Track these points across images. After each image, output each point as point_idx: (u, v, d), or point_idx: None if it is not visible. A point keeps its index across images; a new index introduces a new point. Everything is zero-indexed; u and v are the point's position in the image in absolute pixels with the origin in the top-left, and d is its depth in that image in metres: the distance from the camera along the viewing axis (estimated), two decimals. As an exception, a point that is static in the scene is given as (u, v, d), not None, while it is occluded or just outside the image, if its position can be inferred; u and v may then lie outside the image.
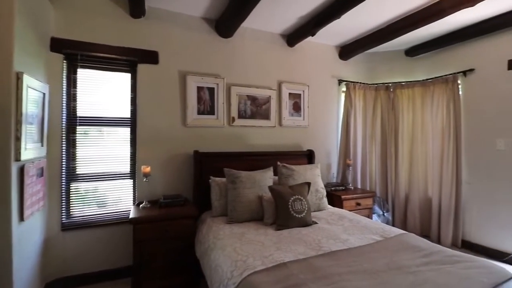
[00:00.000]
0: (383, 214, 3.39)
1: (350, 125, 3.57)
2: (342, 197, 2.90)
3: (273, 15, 2.81)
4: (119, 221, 2.51)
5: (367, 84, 3.77)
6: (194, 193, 2.65)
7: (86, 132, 2.49)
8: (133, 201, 2.61)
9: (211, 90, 2.87)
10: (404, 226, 3.61)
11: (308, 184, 2.45)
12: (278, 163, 2.78)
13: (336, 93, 3.70)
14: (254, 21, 2.93)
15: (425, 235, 3.47)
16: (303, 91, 3.40)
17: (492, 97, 2.97)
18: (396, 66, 3.85)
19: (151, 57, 2.64)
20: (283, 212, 2.14)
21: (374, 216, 3.30)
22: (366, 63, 3.90)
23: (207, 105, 2.86)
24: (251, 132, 3.09)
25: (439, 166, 3.35)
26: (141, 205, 2.37)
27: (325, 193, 2.73)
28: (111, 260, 2.48)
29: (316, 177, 2.76)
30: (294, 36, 3.19)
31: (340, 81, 3.67)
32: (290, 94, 3.32)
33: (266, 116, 3.16)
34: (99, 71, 2.51)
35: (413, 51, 3.65)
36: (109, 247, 2.48)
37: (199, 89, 2.82)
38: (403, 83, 3.69)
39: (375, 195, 3.45)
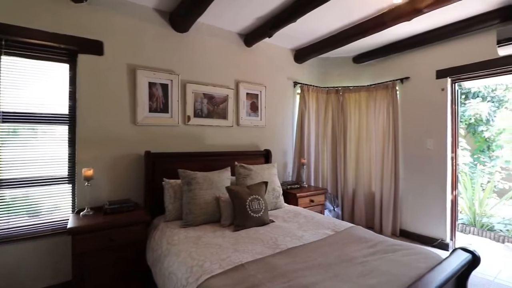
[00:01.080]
0: (334, 209, 3.61)
1: (304, 125, 3.73)
2: (297, 195, 3.01)
3: (231, 13, 2.77)
4: (55, 232, 2.21)
5: (319, 87, 3.98)
6: (145, 197, 2.48)
7: (15, 131, 2.14)
8: (72, 208, 2.32)
9: (164, 87, 2.72)
10: (352, 219, 3.91)
11: (266, 183, 2.48)
12: (236, 163, 2.75)
13: (292, 95, 3.83)
14: (211, 17, 2.86)
15: (370, 226, 3.80)
16: (260, 91, 3.44)
17: (423, 102, 3.39)
18: (345, 71, 4.14)
19: (94, 47, 2.38)
20: (240, 213, 2.13)
21: (326, 212, 3.50)
22: (319, 67, 4.12)
23: (160, 103, 2.69)
24: (208, 131, 3.01)
25: (381, 163, 3.71)
26: (81, 213, 2.11)
27: (281, 192, 2.80)
28: (47, 276, 2.17)
29: (273, 176, 2.81)
30: (251, 36, 3.20)
31: (295, 83, 3.81)
32: (247, 94, 3.33)
33: (224, 116, 3.11)
34: (30, 59, 2.17)
35: (360, 58, 3.97)
36: (44, 262, 2.17)
37: (151, 85, 2.64)
38: (351, 88, 3.98)
39: (326, 192, 3.66)
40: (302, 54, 3.76)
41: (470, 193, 4.91)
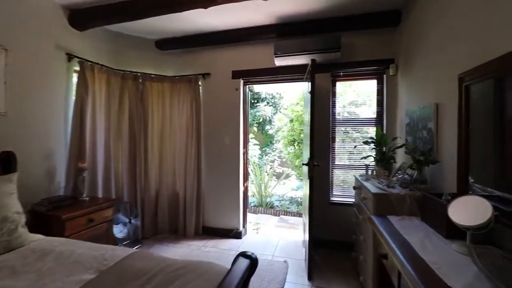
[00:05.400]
0: (130, 221, 2.97)
1: (86, 117, 2.77)
2: (64, 217, 2.08)
3: None
4: None
5: (112, 69, 3.12)
6: None
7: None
8: None
9: None
10: (154, 227, 3.45)
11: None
12: None
13: (65, 72, 2.72)
14: None
15: (174, 229, 3.51)
16: (-6, 57, 2.11)
17: (222, 100, 3.46)
18: (147, 56, 3.54)
19: None
20: None
21: (117, 228, 2.80)
22: (112, 44, 3.24)
23: None
24: None
25: (184, 160, 3.48)
26: None
27: (23, 221, 1.78)
28: None
29: (7, 197, 1.72)
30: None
31: (70, 57, 2.72)
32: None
33: None
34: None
35: (164, 44, 3.51)
36: None
37: None
38: (153, 76, 3.44)
39: (120, 202, 2.94)
40: (81, 17, 2.73)
41: (259, 179, 5.97)
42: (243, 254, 1.51)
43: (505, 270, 1.00)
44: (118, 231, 2.84)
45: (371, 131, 3.30)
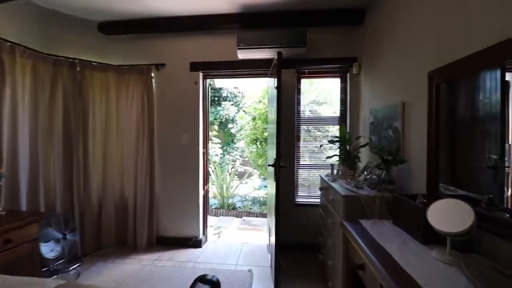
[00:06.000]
0: (65, 237, 2.48)
1: (2, 113, 2.21)
2: (-38, 241, 1.59)
3: None
4: None
5: (40, 52, 2.57)
6: None
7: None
8: None
9: None
10: (98, 240, 2.98)
11: None
12: None
13: (-30, 54, 2.13)
14: None
15: (123, 241, 3.08)
16: None
17: (179, 94, 3.11)
18: (87, 40, 3.02)
19: None
20: None
21: (47, 246, 2.31)
22: (44, 24, 2.69)
23: None
24: None
25: (135, 162, 3.06)
26: None
27: None
28: None
29: None
30: None
31: (-22, 34, 2.14)
32: None
33: None
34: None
35: (108, 27, 3.03)
36: None
37: None
38: (94, 64, 2.94)
39: (51, 215, 2.44)
40: (-7, -14, 2.17)
41: (220, 180, 5.70)
42: (202, 279, 1.26)
43: (494, 280, 0.93)
44: (49, 250, 2.34)
45: (333, 130, 3.28)
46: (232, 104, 7.11)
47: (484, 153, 1.22)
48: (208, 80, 3.25)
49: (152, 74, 3.08)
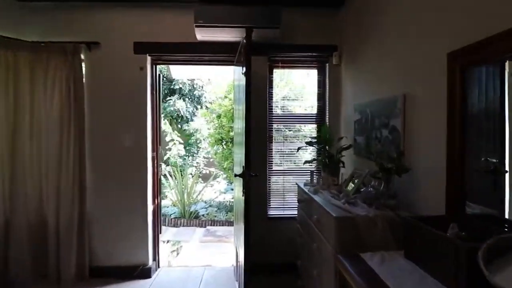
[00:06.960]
0: None
1: None
2: None
3: None
4: None
5: None
6: None
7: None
8: None
9: None
10: (4, 274, 2.18)
11: None
12: None
13: None
14: None
15: (43, 273, 2.32)
16: None
17: (119, 83, 2.42)
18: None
19: None
20: None
21: None
22: None
23: None
24: None
25: (57, 171, 2.31)
26: None
27: None
28: None
29: None
30: None
31: None
32: None
33: None
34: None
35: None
36: None
37: None
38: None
39: None
40: None
41: (180, 185, 5.02)
42: None
43: None
44: None
45: (307, 130, 2.87)
46: (189, 98, 6.39)
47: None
48: (159, 67, 2.60)
49: (82, 56, 2.35)
